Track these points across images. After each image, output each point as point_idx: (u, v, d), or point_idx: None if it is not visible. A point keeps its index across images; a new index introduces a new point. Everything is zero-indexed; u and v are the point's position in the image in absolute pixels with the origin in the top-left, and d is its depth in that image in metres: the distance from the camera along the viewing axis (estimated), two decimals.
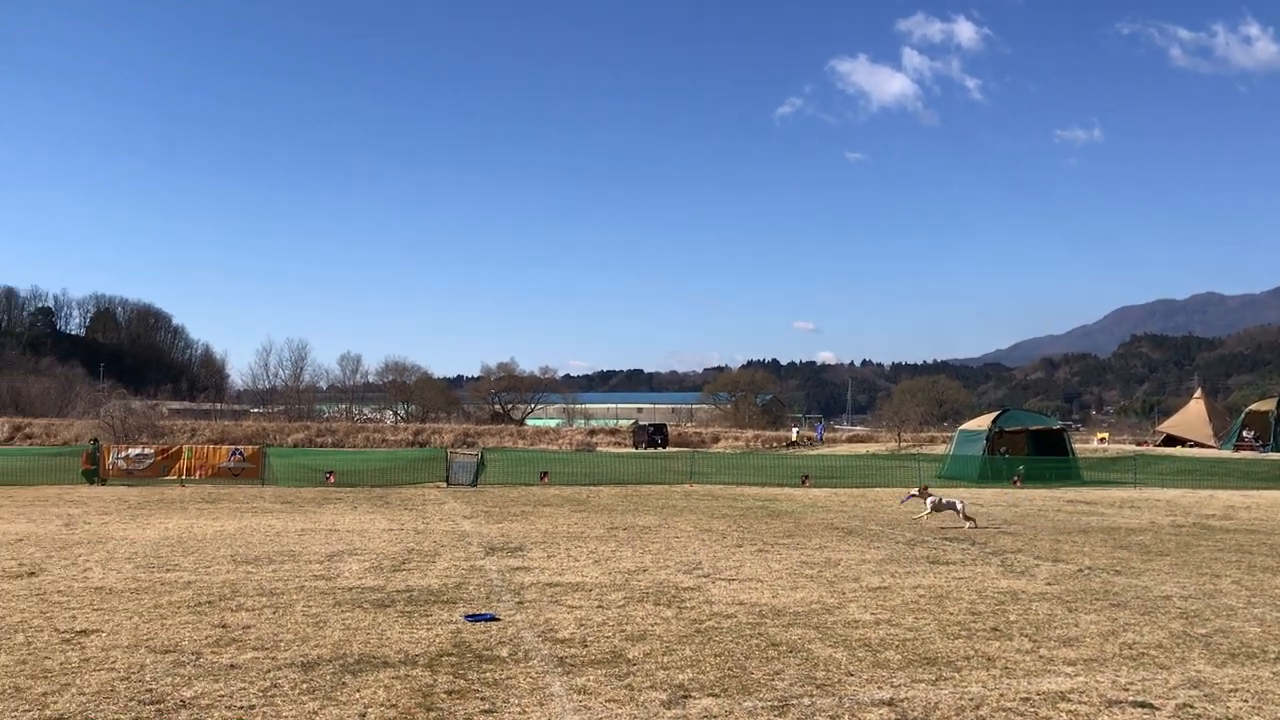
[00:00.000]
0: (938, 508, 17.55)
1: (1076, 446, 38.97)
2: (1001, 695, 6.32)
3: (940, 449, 46.07)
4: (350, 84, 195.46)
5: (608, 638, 7.84)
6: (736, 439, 70.31)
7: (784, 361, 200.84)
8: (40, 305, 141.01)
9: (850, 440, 74.25)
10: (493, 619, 8.48)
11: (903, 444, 64.95)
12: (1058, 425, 37.92)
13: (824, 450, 57.54)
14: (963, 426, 38.29)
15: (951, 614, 8.99)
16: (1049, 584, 10.81)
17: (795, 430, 70.83)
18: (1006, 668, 7.01)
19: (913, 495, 18.61)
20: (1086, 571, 11.87)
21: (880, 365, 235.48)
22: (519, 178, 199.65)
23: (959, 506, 17.32)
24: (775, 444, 66.05)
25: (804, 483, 28.52)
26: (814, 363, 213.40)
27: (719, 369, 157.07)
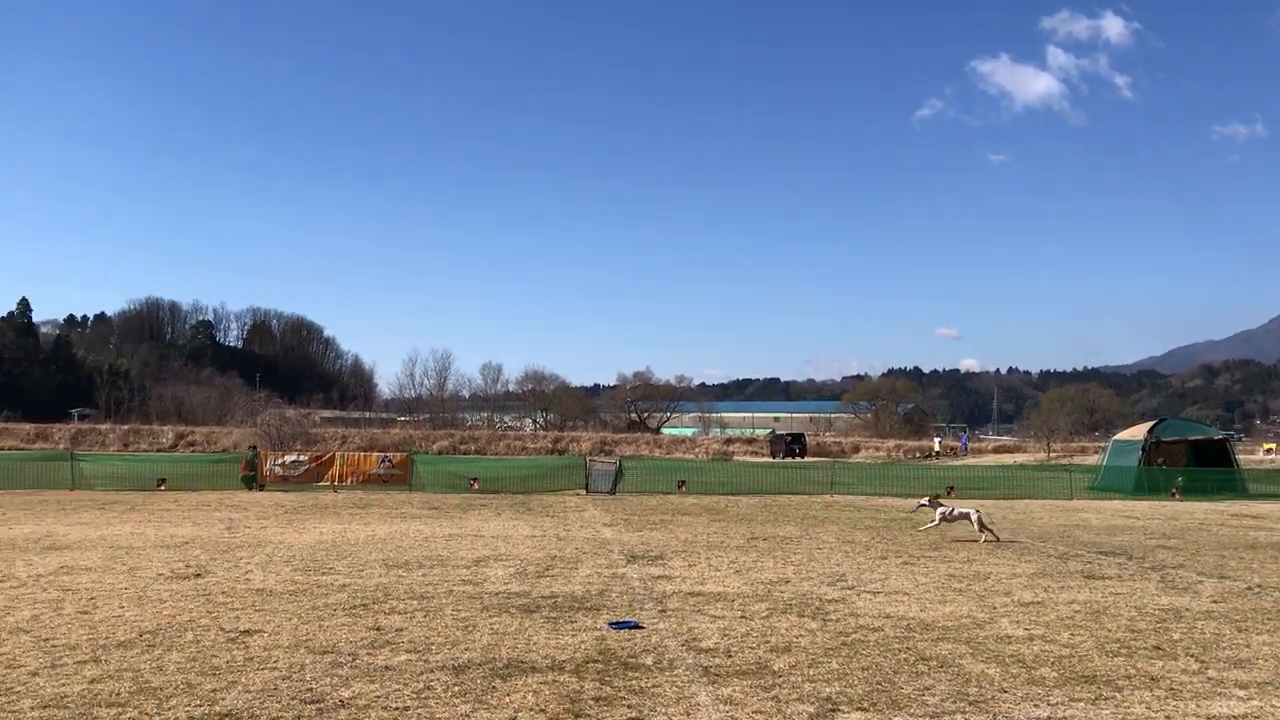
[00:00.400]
0: (948, 519, 16.99)
1: (1240, 458, 37.07)
2: (1168, 718, 6.03)
3: (1092, 459, 44.39)
4: (488, 97, 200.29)
5: (752, 648, 7.79)
6: (877, 449, 69.12)
7: (926, 369, 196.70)
8: (201, 319, 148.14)
9: (996, 450, 72.21)
10: (636, 627, 8.52)
11: (1052, 454, 62.85)
12: (1219, 435, 36.14)
13: (969, 460, 56.08)
14: (1117, 436, 36.85)
15: (1110, 631, 8.63)
16: (1215, 602, 10.29)
17: (938, 440, 69.20)
18: (1172, 689, 6.69)
19: (922, 504, 18.07)
20: (1256, 589, 11.26)
21: (1027, 373, 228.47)
22: (653, 188, 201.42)
23: (974, 517, 16.62)
24: (917, 454, 64.74)
25: (949, 494, 27.85)
26: (957, 370, 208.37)
27: (858, 377, 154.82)
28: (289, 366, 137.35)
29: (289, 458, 28.37)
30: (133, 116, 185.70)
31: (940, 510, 17.12)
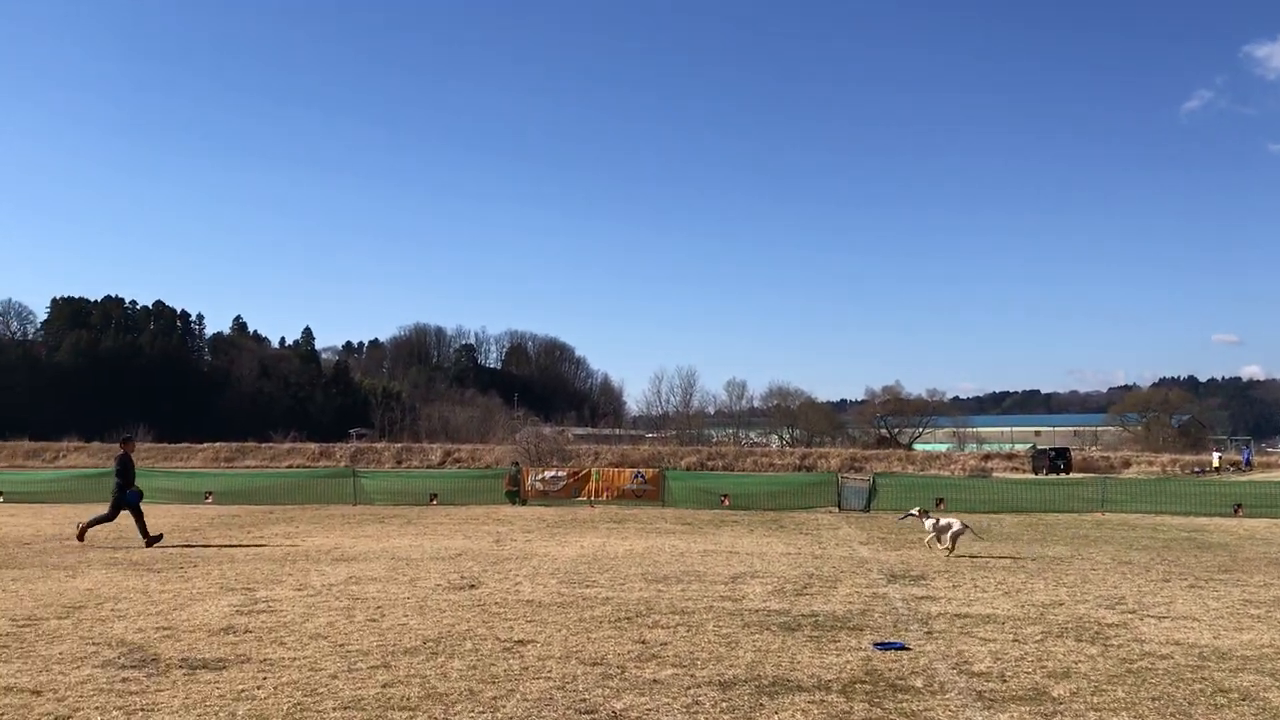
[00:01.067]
0: (938, 530, 15.99)
1: None
2: None
3: None
4: (738, 121, 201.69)
5: (1027, 673, 7.46)
6: (1150, 464, 64.82)
7: (1202, 378, 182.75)
8: (464, 343, 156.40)
9: None
10: (903, 648, 8.32)
11: None
12: None
13: (1255, 476, 51.66)
14: None
15: None
16: None
17: (1217, 455, 64.01)
18: None
19: (911, 514, 17.05)
20: None
21: None
22: (902, 192, 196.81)
23: (956, 527, 15.76)
24: (1193, 469, 60.16)
25: (1236, 512, 25.75)
26: (1238, 379, 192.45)
27: (1125, 388, 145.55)
28: (543, 386, 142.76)
29: (548, 473, 29.42)
30: (406, 162, 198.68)
31: (929, 521, 16.30)
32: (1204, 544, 18.16)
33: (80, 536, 16.98)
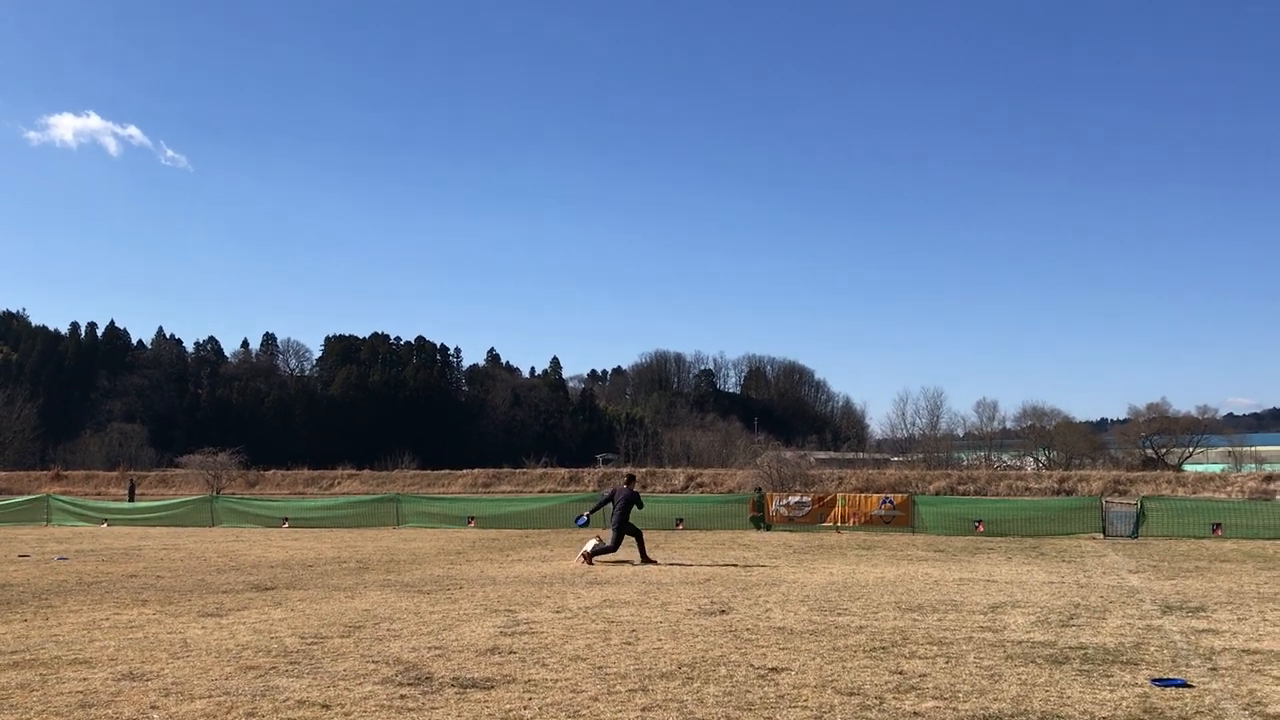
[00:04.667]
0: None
1: None
2: None
3: None
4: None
5: None
6: None
7: None
8: (703, 368, 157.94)
9: None
10: (1185, 685, 7.77)
11: None
12: None
13: None
14: None
15: None
16: None
17: None
18: None
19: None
20: None
21: None
22: (1162, 186, 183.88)
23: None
24: None
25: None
26: None
27: None
28: (783, 409, 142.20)
29: (793, 499, 29.25)
30: (630, 188, 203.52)
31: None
32: None
33: (589, 561, 18.18)
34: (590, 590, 14.12)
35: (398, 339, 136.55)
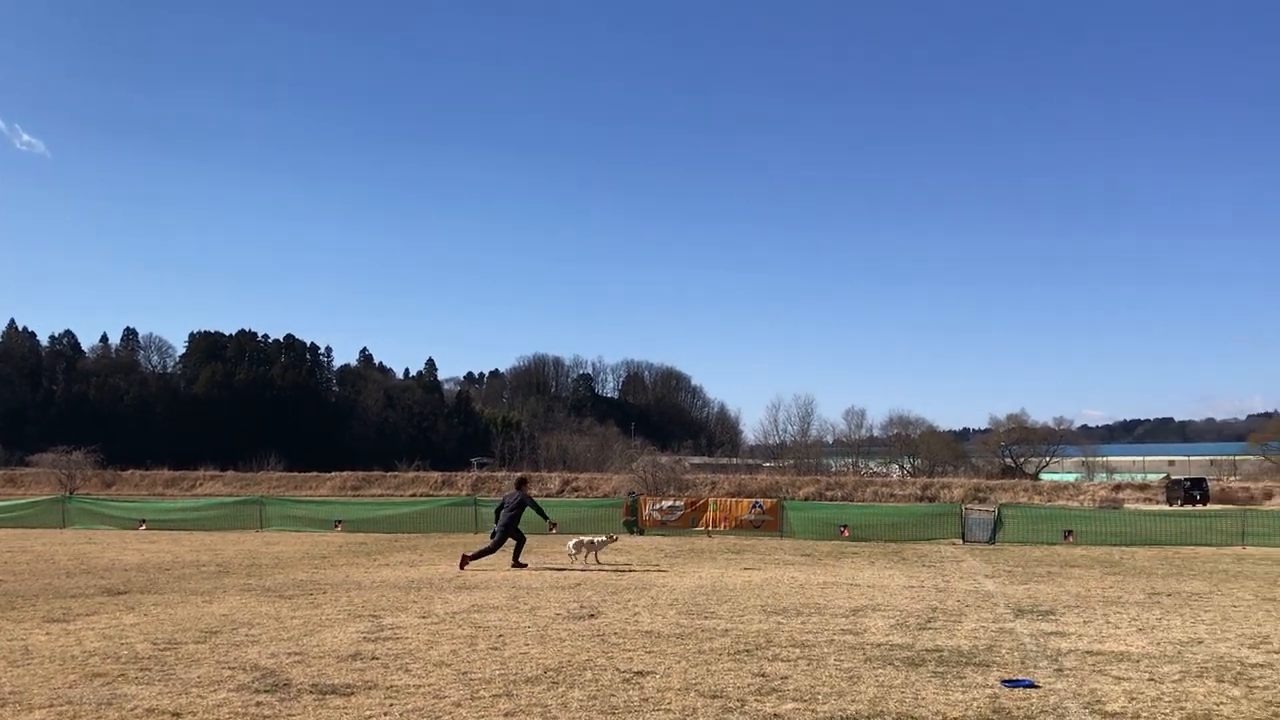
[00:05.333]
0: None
1: None
2: None
3: None
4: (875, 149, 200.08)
5: (1164, 714, 7.17)
6: None
7: None
8: (581, 372, 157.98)
9: None
10: (1032, 686, 8.08)
11: None
12: None
13: None
14: None
15: None
16: None
17: None
18: None
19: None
20: None
21: None
22: (1013, 218, 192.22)
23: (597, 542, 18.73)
24: None
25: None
26: None
27: (1266, 415, 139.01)
28: (660, 415, 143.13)
29: (666, 503, 29.48)
30: (507, 186, 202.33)
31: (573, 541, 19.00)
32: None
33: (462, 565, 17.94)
34: (458, 595, 13.97)
35: (265, 337, 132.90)
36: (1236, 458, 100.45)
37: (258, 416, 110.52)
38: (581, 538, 19.29)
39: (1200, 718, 7.10)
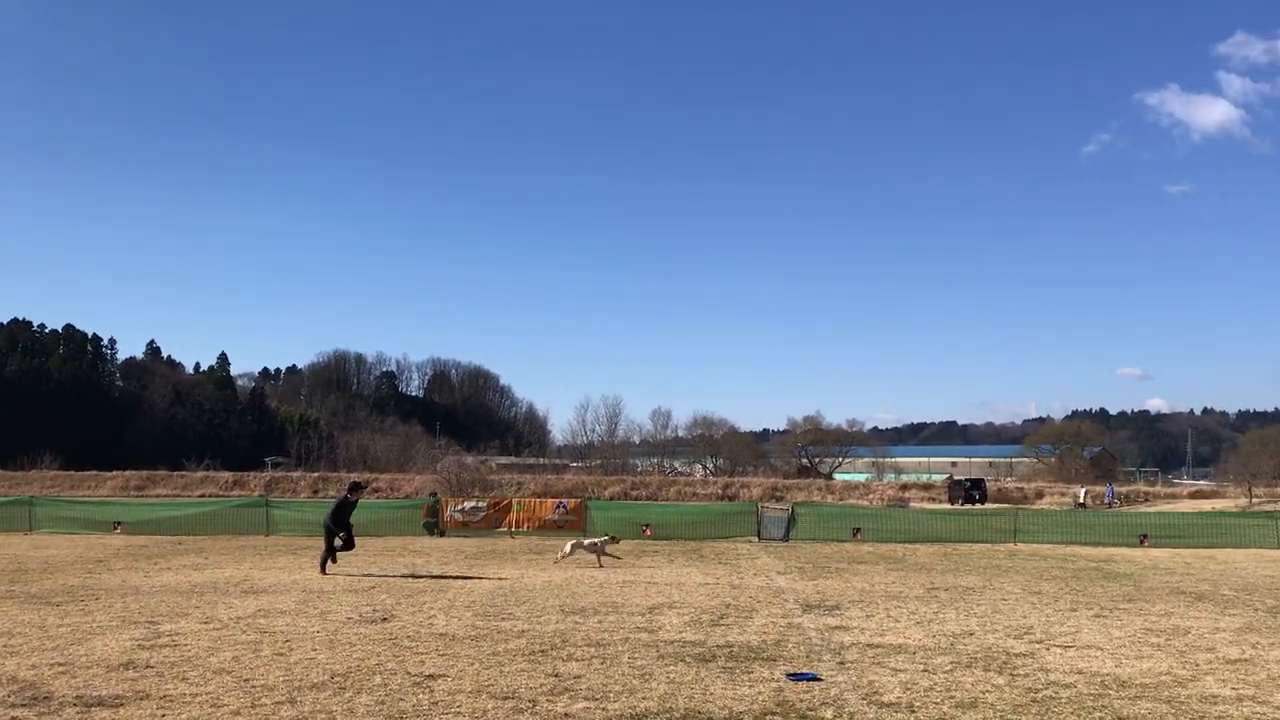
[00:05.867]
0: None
1: None
2: None
3: None
4: (669, 160, 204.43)
5: (936, 704, 7.54)
6: (1062, 495, 66.28)
7: (1113, 411, 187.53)
8: (385, 369, 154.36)
9: (1192, 496, 68.26)
10: (814, 679, 8.36)
11: (1254, 500, 59.01)
12: None
13: (1164, 507, 53.16)
14: None
15: None
16: None
17: (1084, 491, 64.17)
18: None
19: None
20: None
21: (1224, 413, 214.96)
22: (815, 231, 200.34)
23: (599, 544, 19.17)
24: (1077, 502, 60.33)
25: (1142, 542, 26.43)
26: (1146, 412, 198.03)
27: (1039, 420, 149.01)
28: (467, 414, 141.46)
29: (468, 504, 29.13)
30: (311, 176, 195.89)
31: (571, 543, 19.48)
32: (1110, 574, 18.59)
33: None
34: (245, 600, 13.41)
35: (42, 326, 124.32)
36: (1013, 460, 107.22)
37: (31, 411, 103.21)
38: (581, 540, 20.04)
39: (968, 705, 7.50)
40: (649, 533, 27.18)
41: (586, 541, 19.61)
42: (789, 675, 8.49)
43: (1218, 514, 39.03)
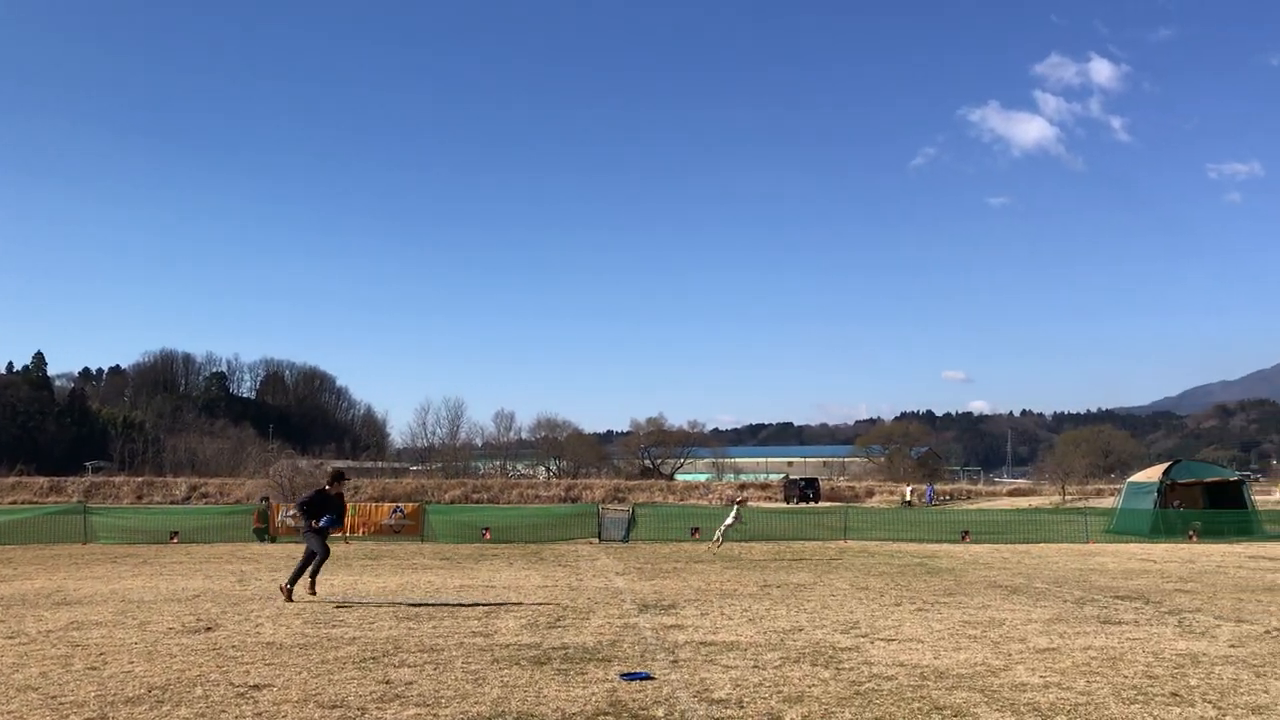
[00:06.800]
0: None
1: (1257, 499, 36.80)
2: None
3: (1108, 502, 44.07)
4: (495, 151, 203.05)
5: (764, 699, 7.71)
6: (891, 493, 68.75)
7: (939, 413, 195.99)
8: (215, 370, 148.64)
9: (1012, 494, 71.78)
10: (648, 678, 8.45)
11: (1067, 497, 62.43)
12: (1235, 476, 35.91)
13: (985, 505, 55.74)
14: (1132, 478, 36.64)
15: (1126, 677, 8.53)
16: (1232, 646, 10.16)
17: (909, 489, 67.19)
18: None
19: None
20: (1274, 633, 11.12)
21: (1041, 415, 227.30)
22: (660, 229, 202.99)
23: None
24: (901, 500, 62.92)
25: (964, 539, 27.66)
26: (970, 413, 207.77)
27: (870, 421, 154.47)
28: (301, 417, 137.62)
29: None
30: (137, 166, 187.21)
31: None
32: (933, 569, 19.39)
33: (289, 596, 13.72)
34: (56, 612, 12.72)
35: None
36: (845, 459, 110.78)
37: None
38: (726, 520, 23.16)
39: (795, 699, 7.70)
40: (489, 536, 26.99)
41: (729, 521, 23.23)
42: (623, 675, 8.55)
43: (1034, 511, 41.19)
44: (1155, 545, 26.65)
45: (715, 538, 23.65)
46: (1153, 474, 33.75)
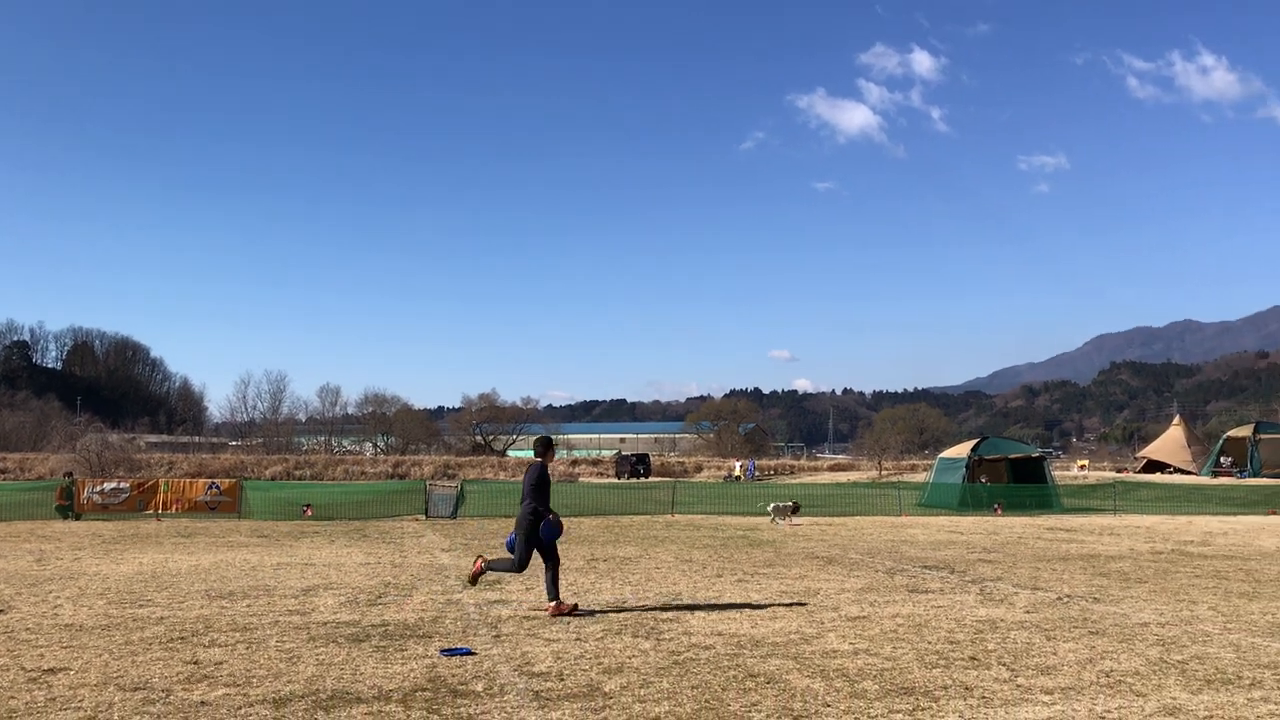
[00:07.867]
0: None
1: (1056, 474, 39.22)
2: None
3: (921, 477, 46.12)
4: (331, 114, 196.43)
5: (584, 670, 7.78)
6: (719, 468, 70.21)
7: (766, 390, 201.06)
8: (16, 339, 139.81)
9: (832, 469, 74.32)
10: (469, 653, 8.40)
11: (883, 472, 65.03)
12: (1036, 453, 38.12)
13: (807, 479, 57.53)
14: (942, 455, 38.44)
15: (930, 643, 8.96)
16: (1028, 612, 10.80)
17: (737, 465, 69.03)
18: (984, 697, 6.97)
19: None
20: (1065, 599, 11.87)
21: (861, 394, 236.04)
22: (493, 207, 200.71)
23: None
24: (726, 476, 64.40)
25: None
26: (795, 391, 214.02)
27: (701, 398, 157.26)
28: (113, 389, 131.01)
29: (109, 485, 27.00)
30: None
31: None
32: (756, 542, 19.91)
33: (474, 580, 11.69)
34: None
35: None
36: (676, 435, 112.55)
37: None
38: (778, 503, 24.82)
39: (613, 671, 7.79)
40: (310, 513, 26.31)
41: (782, 504, 24.75)
42: (443, 651, 8.47)
43: (852, 485, 42.77)
44: (963, 518, 28.04)
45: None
46: (961, 450, 35.50)
